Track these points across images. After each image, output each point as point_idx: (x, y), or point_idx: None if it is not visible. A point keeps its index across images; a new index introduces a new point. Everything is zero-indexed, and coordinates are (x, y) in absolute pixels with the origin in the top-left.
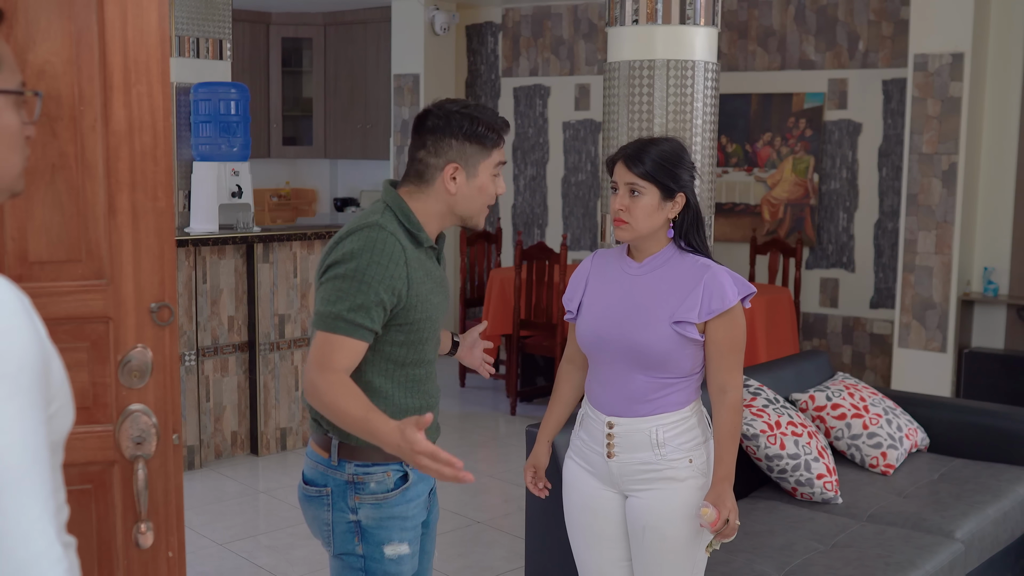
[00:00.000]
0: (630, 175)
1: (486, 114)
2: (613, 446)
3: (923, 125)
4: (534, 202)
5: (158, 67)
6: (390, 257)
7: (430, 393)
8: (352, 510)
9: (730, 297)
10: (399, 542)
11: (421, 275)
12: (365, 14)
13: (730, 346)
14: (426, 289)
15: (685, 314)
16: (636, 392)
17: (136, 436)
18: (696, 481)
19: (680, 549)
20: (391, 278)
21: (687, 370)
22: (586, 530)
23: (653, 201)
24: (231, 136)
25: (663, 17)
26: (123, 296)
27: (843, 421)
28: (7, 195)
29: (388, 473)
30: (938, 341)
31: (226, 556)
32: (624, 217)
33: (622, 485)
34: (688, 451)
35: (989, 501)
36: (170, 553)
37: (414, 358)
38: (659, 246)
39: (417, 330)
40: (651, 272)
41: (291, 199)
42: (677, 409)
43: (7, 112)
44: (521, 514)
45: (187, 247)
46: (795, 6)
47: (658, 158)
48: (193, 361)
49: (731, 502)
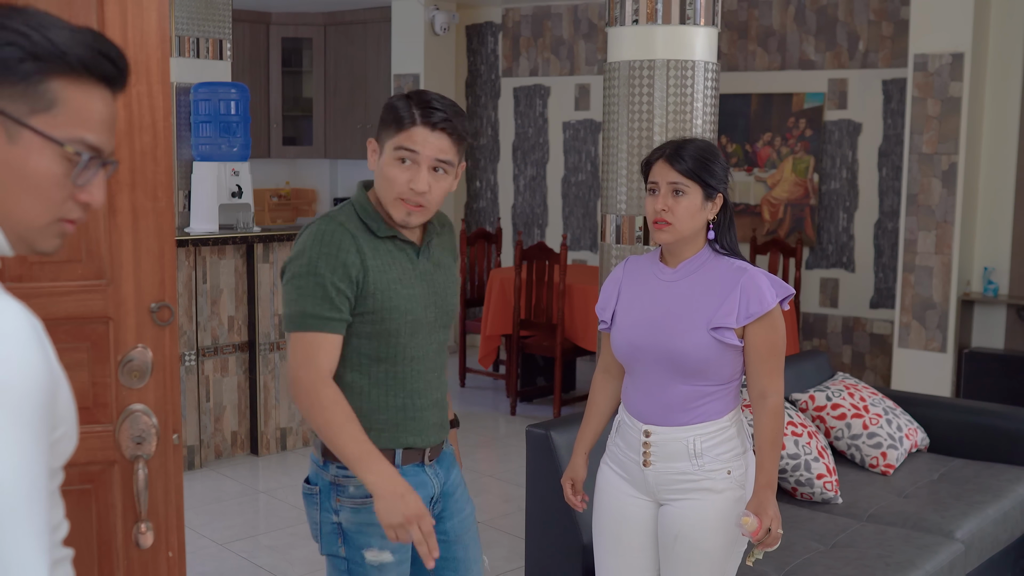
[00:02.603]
0: (673, 173)
1: (416, 95)
2: (650, 455)
3: (923, 125)
4: (534, 202)
5: (158, 67)
6: (338, 246)
7: (419, 393)
8: (335, 511)
9: (768, 300)
10: (380, 549)
11: (382, 264)
12: (365, 14)
13: (770, 350)
14: (390, 279)
15: (723, 319)
16: (674, 401)
17: (136, 436)
18: (733, 493)
19: (710, 560)
20: (343, 266)
21: (726, 377)
22: (614, 537)
23: (696, 201)
24: (231, 136)
25: (663, 17)
26: (123, 296)
27: (843, 421)
28: (27, 249)
29: None
30: (938, 341)
31: (226, 556)
32: (667, 218)
33: (657, 494)
34: (727, 462)
35: (989, 501)
36: (170, 553)
37: (389, 353)
38: (696, 249)
39: (381, 320)
40: (686, 277)
41: (291, 199)
42: (716, 418)
43: (41, 157)
44: (521, 514)
45: (187, 247)
46: (795, 6)
47: (698, 155)
48: (193, 361)
49: (773, 510)
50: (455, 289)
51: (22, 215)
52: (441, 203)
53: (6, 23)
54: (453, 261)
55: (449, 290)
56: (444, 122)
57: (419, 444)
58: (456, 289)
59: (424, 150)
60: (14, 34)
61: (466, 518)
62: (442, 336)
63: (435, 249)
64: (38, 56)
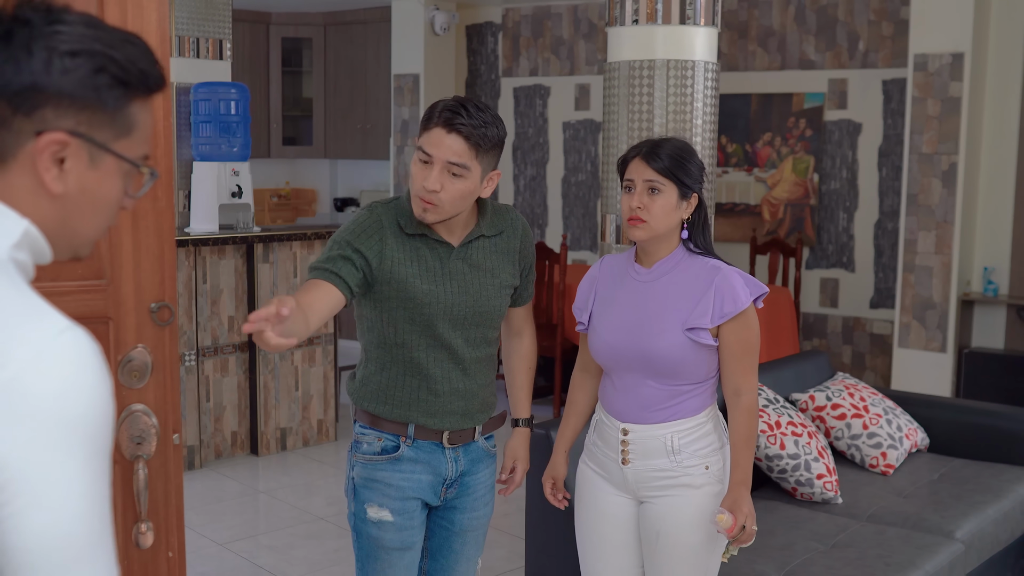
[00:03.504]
0: (649, 171)
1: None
2: (628, 453)
3: (923, 125)
4: (534, 202)
5: None
6: (364, 228)
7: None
8: (352, 466)
9: (742, 299)
10: (380, 507)
11: (405, 257)
12: (365, 14)
13: (744, 348)
14: (409, 272)
15: (698, 320)
16: (651, 400)
17: (136, 436)
18: (712, 488)
19: (694, 556)
20: (360, 240)
21: (702, 376)
22: (597, 536)
23: (672, 200)
24: (231, 136)
25: (663, 17)
26: (123, 296)
27: (843, 421)
28: (70, 255)
29: (379, 439)
30: (938, 341)
31: (226, 556)
32: (642, 215)
33: (637, 491)
34: (704, 457)
35: (989, 501)
36: (170, 553)
37: (406, 340)
38: (670, 248)
39: (397, 308)
40: (661, 278)
41: (291, 199)
42: (693, 415)
43: (113, 178)
44: (521, 514)
45: (187, 247)
46: (795, 6)
47: (674, 153)
48: (193, 361)
49: (748, 507)
50: (497, 291)
51: (87, 233)
52: (461, 205)
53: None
54: (508, 263)
55: (487, 291)
56: (461, 126)
57: (433, 425)
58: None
59: (437, 152)
60: (103, 59)
61: (479, 518)
62: (476, 333)
63: (478, 251)
64: (126, 82)
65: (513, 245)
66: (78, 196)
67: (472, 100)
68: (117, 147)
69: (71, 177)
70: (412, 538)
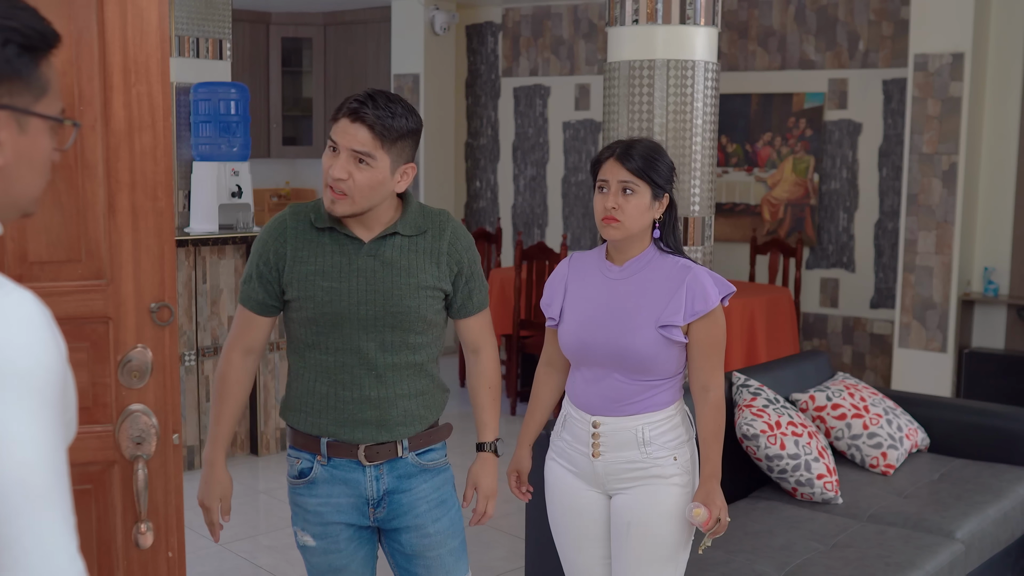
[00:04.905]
0: (624, 172)
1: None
2: (599, 445)
3: (923, 125)
4: (534, 202)
5: (158, 67)
6: (269, 232)
7: (345, 385)
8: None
9: (712, 298)
10: (303, 531)
11: (306, 256)
12: (365, 14)
13: (712, 345)
14: (308, 270)
15: (670, 317)
16: (622, 394)
17: (136, 436)
18: (681, 478)
19: (664, 546)
20: (265, 251)
21: (671, 371)
22: (571, 530)
23: (645, 200)
24: (231, 136)
25: (663, 17)
26: (123, 296)
27: (843, 421)
28: (18, 215)
29: (297, 460)
30: (938, 341)
31: (226, 556)
32: (617, 215)
33: (607, 484)
34: (673, 449)
35: (989, 501)
36: (170, 553)
37: (316, 341)
38: (642, 247)
39: (301, 309)
40: (633, 276)
41: (291, 199)
42: (663, 408)
43: (42, 137)
44: (521, 514)
45: (187, 247)
46: (795, 6)
47: (646, 154)
48: (193, 361)
49: (720, 500)
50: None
51: (31, 193)
52: (372, 197)
53: None
54: (430, 265)
55: (400, 291)
56: (366, 115)
57: (346, 438)
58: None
59: (343, 140)
60: (5, 31)
61: (430, 536)
62: (393, 337)
63: (392, 249)
64: (32, 47)
65: (438, 247)
66: (16, 163)
67: (385, 92)
68: (39, 108)
69: (7, 148)
70: (340, 561)
